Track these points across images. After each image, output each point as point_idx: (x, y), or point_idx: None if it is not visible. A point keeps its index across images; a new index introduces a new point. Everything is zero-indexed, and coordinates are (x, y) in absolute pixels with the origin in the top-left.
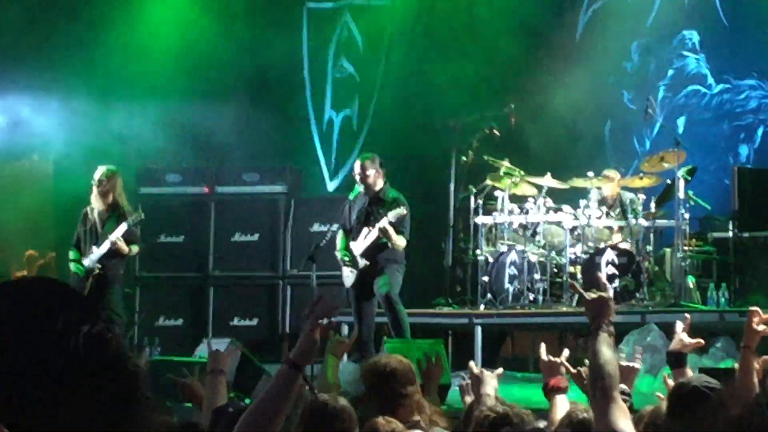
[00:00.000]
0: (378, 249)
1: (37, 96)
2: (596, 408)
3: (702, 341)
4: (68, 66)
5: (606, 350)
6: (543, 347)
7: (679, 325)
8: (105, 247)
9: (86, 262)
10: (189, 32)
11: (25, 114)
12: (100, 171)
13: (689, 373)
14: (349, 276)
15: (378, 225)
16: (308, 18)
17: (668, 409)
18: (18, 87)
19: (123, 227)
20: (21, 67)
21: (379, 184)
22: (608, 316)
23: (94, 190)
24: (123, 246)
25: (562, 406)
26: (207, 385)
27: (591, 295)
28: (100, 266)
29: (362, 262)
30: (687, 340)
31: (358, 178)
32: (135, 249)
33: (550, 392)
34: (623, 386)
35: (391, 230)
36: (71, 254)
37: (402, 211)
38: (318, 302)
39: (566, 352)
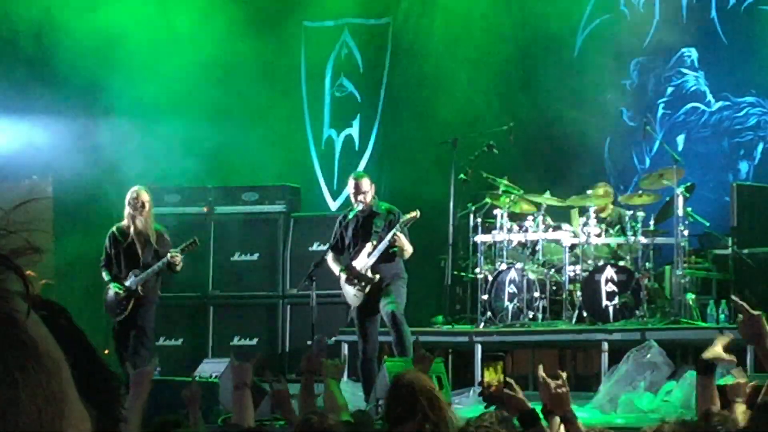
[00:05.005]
0: (382, 263)
1: (35, 116)
2: None
3: (735, 359)
4: (66, 86)
5: None
6: (541, 368)
7: (722, 339)
8: (158, 265)
9: (128, 282)
10: (187, 52)
11: (24, 134)
12: (141, 192)
13: (714, 382)
14: (357, 295)
15: (392, 233)
16: (306, 36)
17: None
18: (16, 107)
19: (171, 250)
20: (19, 87)
21: (371, 200)
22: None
23: (140, 210)
24: (179, 260)
25: (561, 427)
26: (234, 402)
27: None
28: (142, 287)
29: (374, 278)
30: (724, 354)
31: (354, 197)
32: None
33: (549, 414)
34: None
35: (403, 237)
36: (105, 275)
37: (416, 214)
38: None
39: (564, 375)
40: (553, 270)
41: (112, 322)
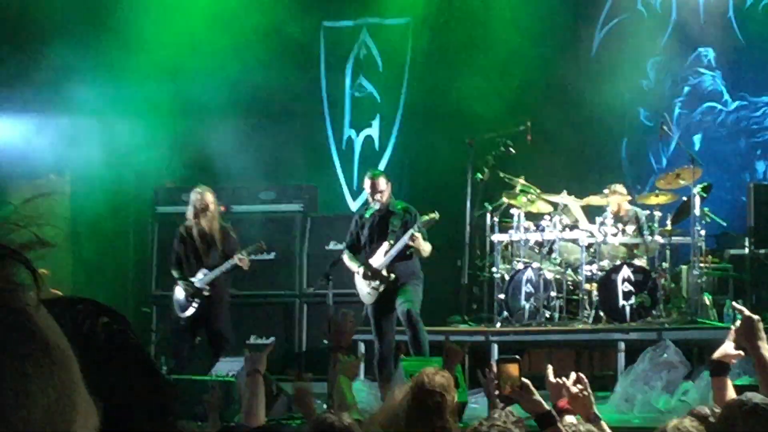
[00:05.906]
0: (399, 262)
1: (53, 115)
2: None
3: (742, 353)
4: (84, 84)
5: None
6: (550, 369)
7: (730, 335)
8: (225, 266)
9: (197, 281)
10: (205, 51)
11: (41, 133)
12: (206, 193)
13: (729, 382)
14: (371, 293)
15: (410, 233)
16: (325, 36)
17: (720, 422)
18: (34, 106)
19: (238, 254)
20: (36, 86)
21: (388, 199)
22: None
23: (204, 211)
24: (247, 262)
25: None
26: (246, 387)
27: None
28: (210, 285)
29: (389, 277)
30: (732, 350)
31: (371, 195)
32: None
33: (559, 414)
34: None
35: (420, 238)
36: (175, 273)
37: (435, 216)
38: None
39: (573, 375)
40: (569, 269)
41: (174, 318)
